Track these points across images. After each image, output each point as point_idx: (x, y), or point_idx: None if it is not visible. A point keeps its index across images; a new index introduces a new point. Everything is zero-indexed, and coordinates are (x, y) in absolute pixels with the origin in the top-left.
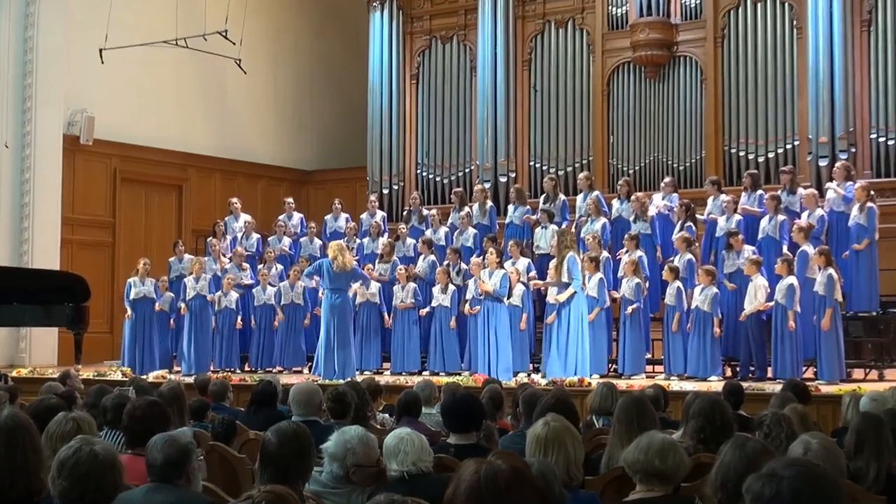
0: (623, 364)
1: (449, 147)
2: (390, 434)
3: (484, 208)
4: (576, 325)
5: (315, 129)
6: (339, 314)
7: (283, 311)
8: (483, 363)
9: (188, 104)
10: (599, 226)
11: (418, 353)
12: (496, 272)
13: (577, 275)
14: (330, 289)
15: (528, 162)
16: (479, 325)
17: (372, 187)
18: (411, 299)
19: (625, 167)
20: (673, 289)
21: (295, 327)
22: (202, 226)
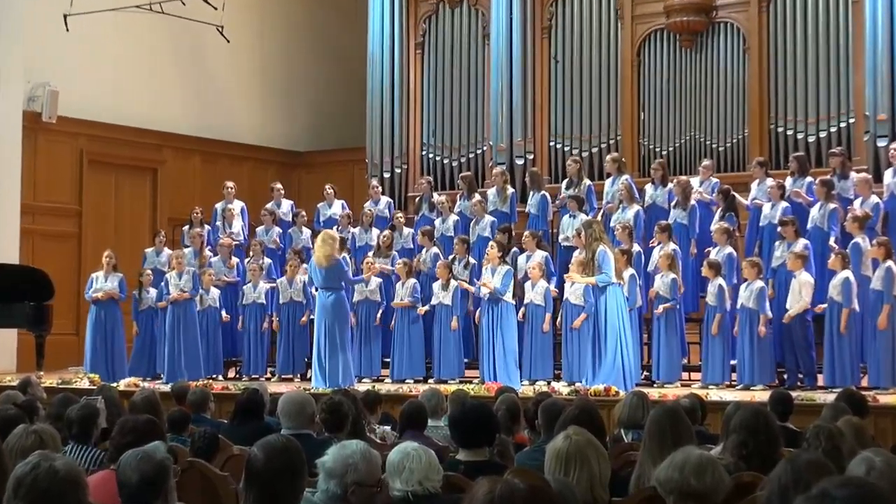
0: (656, 371)
1: (458, 125)
2: (395, 448)
3: (504, 194)
4: (615, 328)
5: (307, 104)
6: (332, 315)
7: (281, 311)
8: (488, 369)
9: (164, 77)
10: (632, 214)
11: (421, 357)
12: (499, 268)
13: (608, 270)
14: (320, 287)
15: (548, 142)
16: (483, 327)
17: (371, 170)
18: (409, 297)
19: (657, 148)
20: (714, 287)
21: (293, 329)
22: (180, 214)
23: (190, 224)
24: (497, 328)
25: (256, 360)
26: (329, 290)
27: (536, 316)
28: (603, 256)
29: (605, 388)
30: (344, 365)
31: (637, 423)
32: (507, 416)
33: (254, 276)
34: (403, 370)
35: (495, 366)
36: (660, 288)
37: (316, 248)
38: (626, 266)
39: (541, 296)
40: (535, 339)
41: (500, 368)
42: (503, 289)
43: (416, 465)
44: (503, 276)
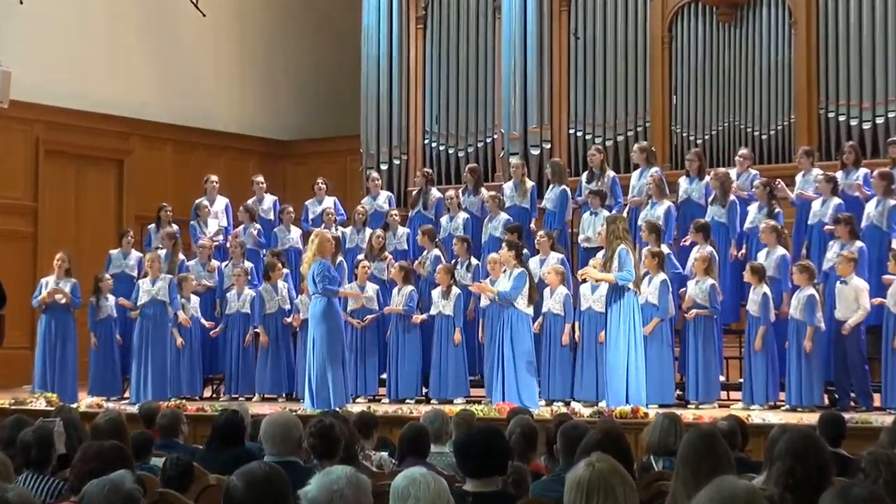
0: (690, 389)
1: (465, 111)
2: (400, 474)
3: (523, 188)
4: (626, 337)
5: (294, 87)
6: (320, 325)
7: (267, 322)
8: (496, 387)
9: (131, 56)
10: (663, 211)
11: (417, 373)
12: (511, 271)
13: (629, 268)
14: (311, 293)
15: (568, 129)
16: (490, 338)
17: (367, 162)
18: (404, 305)
19: (691, 136)
20: (758, 294)
21: (279, 342)
22: (149, 211)
23: (157, 223)
24: (507, 339)
25: (241, 378)
26: (314, 296)
27: (554, 327)
28: (624, 255)
29: (633, 410)
30: (335, 383)
31: (669, 449)
32: (522, 441)
33: (238, 281)
34: (401, 388)
35: (505, 383)
36: (696, 295)
37: (309, 248)
38: (657, 270)
39: (559, 304)
40: (553, 352)
41: (512, 386)
42: (513, 293)
43: (423, 492)
44: (514, 279)
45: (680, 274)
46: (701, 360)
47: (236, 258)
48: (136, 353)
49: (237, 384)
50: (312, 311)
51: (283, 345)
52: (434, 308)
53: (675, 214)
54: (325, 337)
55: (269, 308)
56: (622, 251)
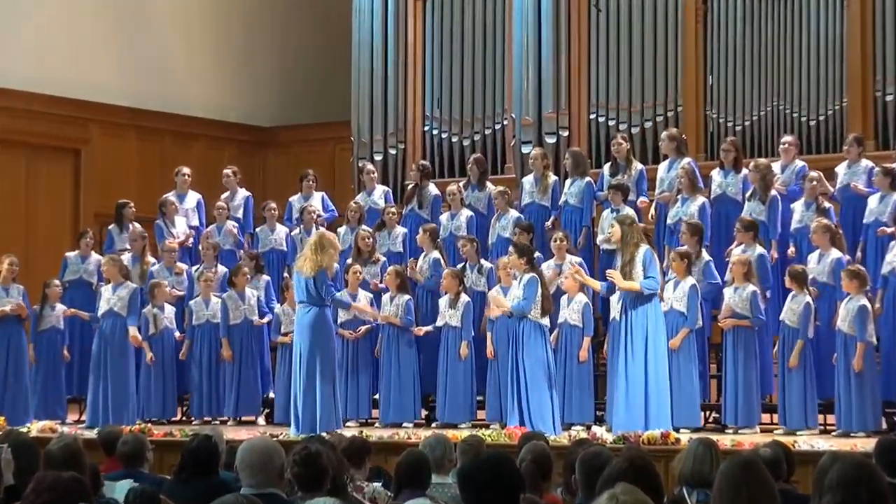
0: (728, 411)
1: (471, 93)
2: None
3: (544, 182)
4: (652, 351)
5: (275, 67)
6: (311, 337)
7: (232, 334)
8: (508, 408)
9: (90, 32)
10: (696, 207)
11: (415, 393)
12: (522, 277)
13: (655, 274)
14: (298, 300)
15: (588, 115)
16: (501, 353)
17: (359, 152)
18: (401, 314)
19: (729, 121)
20: (798, 304)
21: (245, 355)
22: (110, 208)
23: (119, 221)
24: (520, 353)
25: (211, 397)
26: (307, 306)
27: (572, 340)
28: (649, 258)
29: (663, 435)
30: (325, 403)
31: (704, 480)
32: (535, 471)
33: (207, 287)
34: (398, 410)
35: (519, 404)
36: (736, 304)
37: (306, 251)
38: (685, 274)
39: (577, 314)
40: (571, 369)
41: (525, 407)
42: (525, 304)
43: None
44: (526, 287)
45: (718, 284)
46: (741, 379)
47: (208, 261)
48: (93, 370)
49: (207, 405)
50: (301, 322)
51: (249, 361)
52: (440, 318)
53: (710, 212)
54: (315, 351)
55: (234, 318)
56: (647, 253)
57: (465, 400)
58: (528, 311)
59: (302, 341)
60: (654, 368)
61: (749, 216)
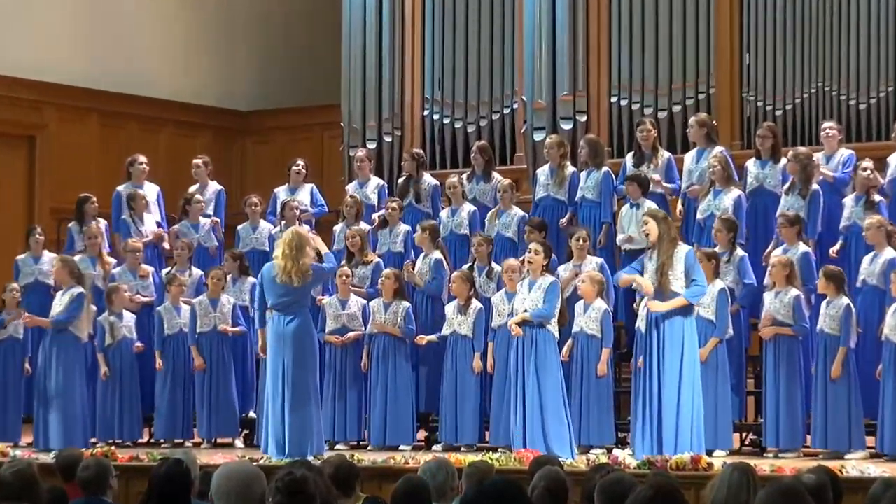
0: (769, 432)
1: (477, 73)
2: None
3: (561, 174)
4: (689, 367)
5: (255, 44)
6: (294, 348)
7: (203, 343)
8: (520, 431)
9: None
10: (731, 201)
11: (411, 412)
12: (541, 281)
13: (701, 278)
14: (275, 308)
15: (609, 97)
16: (514, 366)
17: (350, 139)
18: (400, 323)
19: (768, 105)
20: (837, 308)
21: (220, 370)
22: (68, 202)
23: (80, 217)
24: (531, 366)
25: (183, 416)
26: (287, 312)
27: (589, 352)
28: (692, 259)
29: (693, 459)
30: (307, 424)
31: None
32: (549, 499)
33: (178, 293)
34: (392, 431)
35: (527, 424)
36: (777, 310)
37: (283, 252)
38: (713, 277)
39: (596, 322)
40: (588, 385)
41: (538, 428)
42: (548, 309)
43: None
44: (549, 291)
45: (753, 286)
46: (783, 394)
47: (181, 263)
48: (37, 385)
49: (178, 425)
50: (283, 332)
51: (224, 375)
52: (447, 326)
53: (746, 206)
54: (299, 363)
55: (202, 326)
56: (690, 255)
57: (474, 419)
58: (551, 317)
59: (285, 354)
60: (689, 386)
61: (797, 212)
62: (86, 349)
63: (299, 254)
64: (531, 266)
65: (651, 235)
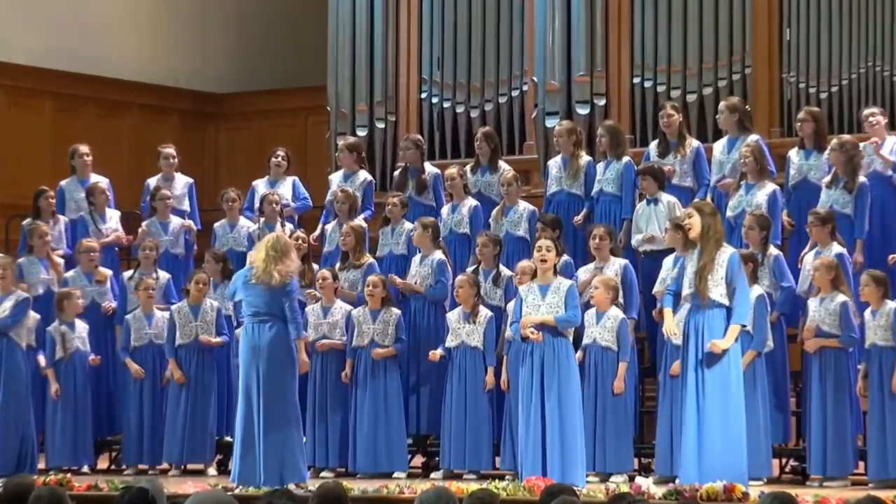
0: (814, 458)
1: (481, 51)
2: None
3: (575, 164)
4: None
5: (231, 20)
6: (269, 361)
7: (181, 357)
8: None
9: None
10: (765, 196)
11: (404, 435)
12: (557, 283)
13: (744, 291)
14: (251, 315)
15: (631, 78)
16: (528, 379)
17: (337, 125)
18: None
19: (811, 87)
20: (885, 315)
21: (202, 387)
22: (18, 197)
23: (36, 214)
24: (554, 382)
25: (151, 440)
26: (264, 321)
27: (604, 366)
28: (737, 267)
29: (726, 488)
30: (285, 448)
31: None
32: None
33: (148, 299)
34: (385, 455)
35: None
36: (821, 319)
37: (260, 255)
38: (750, 283)
39: (611, 333)
40: (603, 404)
41: (555, 452)
42: (574, 313)
43: None
44: (567, 296)
45: (792, 290)
46: (830, 415)
47: (146, 266)
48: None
49: (145, 449)
50: (257, 342)
51: (200, 393)
52: (451, 338)
53: (783, 202)
54: (276, 378)
55: (182, 338)
56: (734, 259)
57: (484, 443)
58: (577, 324)
59: (260, 366)
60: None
61: (829, 208)
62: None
63: (284, 258)
64: (544, 266)
65: (693, 231)
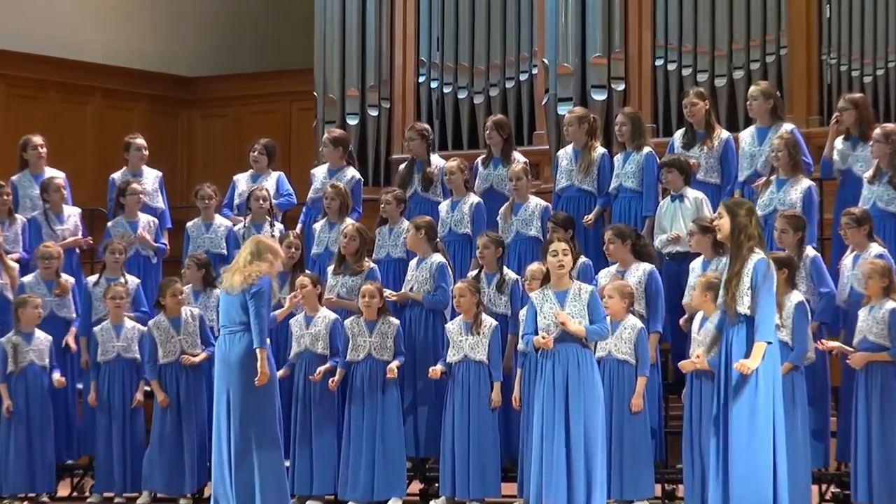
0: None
1: (486, 31)
2: None
3: (588, 157)
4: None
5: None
6: (240, 379)
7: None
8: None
9: None
10: (798, 194)
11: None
12: (576, 289)
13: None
14: (222, 327)
15: (652, 60)
16: (548, 395)
17: (325, 113)
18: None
19: (854, 70)
20: None
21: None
22: None
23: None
24: (580, 399)
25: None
26: (234, 331)
27: (621, 382)
28: (763, 275)
29: None
30: (263, 474)
31: None
32: None
33: (115, 308)
34: (383, 481)
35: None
36: (868, 329)
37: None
38: (787, 289)
39: (628, 344)
40: (621, 423)
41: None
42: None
43: None
44: (591, 304)
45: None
46: (877, 436)
47: (113, 271)
48: None
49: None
50: (228, 356)
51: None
52: (453, 351)
53: (818, 199)
54: (247, 395)
55: (164, 355)
56: (760, 266)
57: (490, 467)
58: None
59: (230, 383)
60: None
61: (871, 204)
62: None
63: (256, 260)
64: (561, 271)
65: (720, 234)
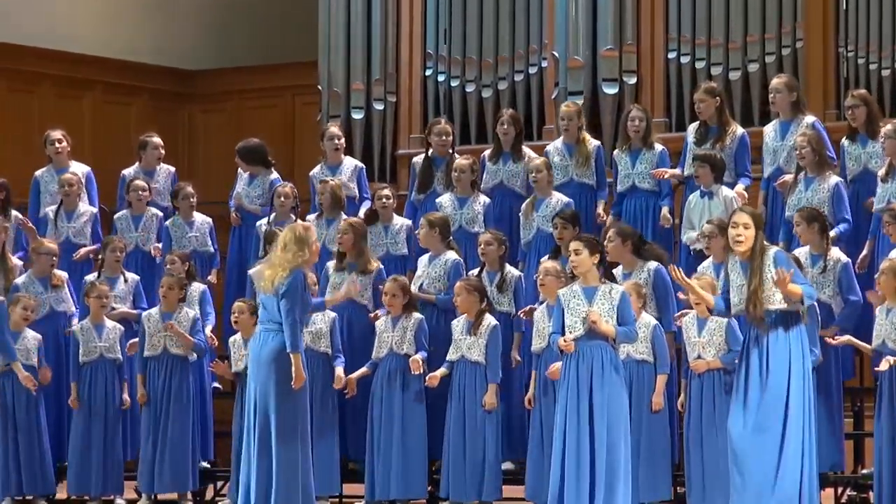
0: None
1: (493, 22)
2: None
3: (583, 150)
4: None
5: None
6: (265, 377)
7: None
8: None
9: None
10: (827, 191)
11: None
12: (607, 288)
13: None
14: (259, 322)
15: (666, 52)
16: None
17: (329, 107)
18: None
19: (872, 63)
20: None
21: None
22: None
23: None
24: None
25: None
26: (268, 329)
27: (640, 381)
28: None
29: None
30: (289, 471)
31: None
32: None
33: (98, 308)
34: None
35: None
36: (888, 333)
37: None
38: None
39: (645, 343)
40: (639, 423)
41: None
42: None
43: None
44: (620, 305)
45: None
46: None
47: (111, 269)
48: None
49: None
50: (261, 354)
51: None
52: (454, 350)
53: (847, 196)
54: (283, 396)
55: (150, 350)
56: (779, 257)
57: (489, 469)
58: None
59: (258, 381)
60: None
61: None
62: None
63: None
64: (577, 270)
65: (742, 246)
